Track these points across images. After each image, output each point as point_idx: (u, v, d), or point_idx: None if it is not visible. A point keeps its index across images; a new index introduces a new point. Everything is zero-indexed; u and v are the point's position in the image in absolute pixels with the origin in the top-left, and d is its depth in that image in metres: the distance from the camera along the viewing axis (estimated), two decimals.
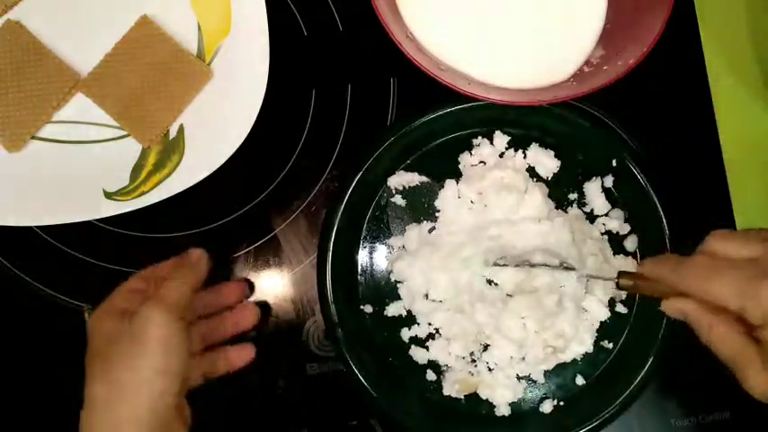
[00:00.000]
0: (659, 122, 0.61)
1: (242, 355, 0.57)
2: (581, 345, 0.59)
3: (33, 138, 0.61)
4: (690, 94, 0.65)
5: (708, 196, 0.64)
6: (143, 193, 0.58)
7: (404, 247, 0.61)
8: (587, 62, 0.60)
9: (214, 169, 0.57)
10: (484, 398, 0.59)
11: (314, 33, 0.65)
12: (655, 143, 0.61)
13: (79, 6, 0.61)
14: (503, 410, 0.59)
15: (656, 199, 0.59)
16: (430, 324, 0.60)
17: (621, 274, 0.50)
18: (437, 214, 0.61)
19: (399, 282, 0.61)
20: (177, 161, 0.59)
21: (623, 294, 0.60)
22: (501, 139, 0.61)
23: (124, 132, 0.61)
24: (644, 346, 0.58)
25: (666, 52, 0.56)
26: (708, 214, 0.63)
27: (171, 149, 0.60)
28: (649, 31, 0.56)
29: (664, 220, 0.59)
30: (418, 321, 0.60)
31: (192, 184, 0.57)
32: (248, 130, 0.57)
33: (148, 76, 0.60)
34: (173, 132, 0.60)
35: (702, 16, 0.65)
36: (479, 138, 0.62)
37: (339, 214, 0.60)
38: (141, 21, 0.61)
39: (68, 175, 0.60)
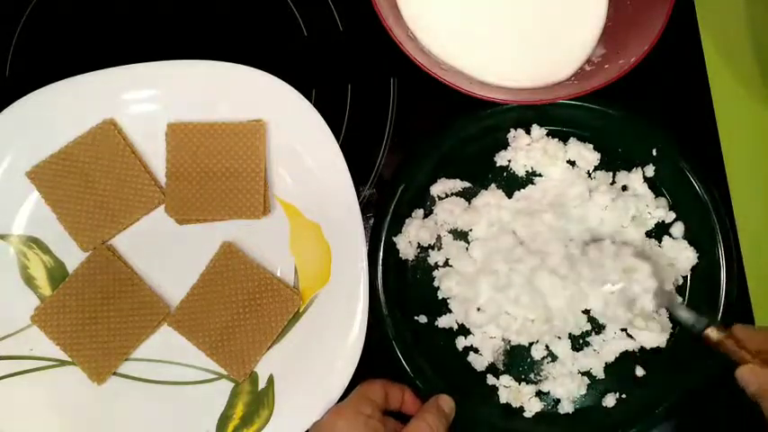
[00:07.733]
0: (659, 122, 0.60)
1: None
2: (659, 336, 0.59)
3: (115, 374, 0.57)
4: (690, 93, 0.65)
5: None
6: None
7: (447, 261, 0.60)
8: (588, 61, 0.60)
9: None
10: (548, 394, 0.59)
11: (314, 33, 0.64)
12: None
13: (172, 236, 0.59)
14: (566, 408, 0.59)
15: (698, 185, 0.60)
16: (485, 333, 0.59)
17: (711, 323, 0.51)
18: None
19: (448, 298, 0.60)
20: (267, 417, 0.56)
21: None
22: (539, 132, 0.61)
23: (212, 375, 0.58)
24: None
25: (666, 51, 0.56)
26: None
27: (260, 402, 0.57)
28: (650, 30, 0.56)
29: (710, 206, 0.59)
30: (473, 332, 0.59)
31: None
32: (341, 393, 0.56)
33: (237, 307, 0.57)
34: (262, 380, 0.57)
35: (702, 15, 0.65)
36: (513, 130, 0.61)
37: (386, 227, 0.59)
38: (224, 248, 0.58)
39: (148, 417, 0.57)
